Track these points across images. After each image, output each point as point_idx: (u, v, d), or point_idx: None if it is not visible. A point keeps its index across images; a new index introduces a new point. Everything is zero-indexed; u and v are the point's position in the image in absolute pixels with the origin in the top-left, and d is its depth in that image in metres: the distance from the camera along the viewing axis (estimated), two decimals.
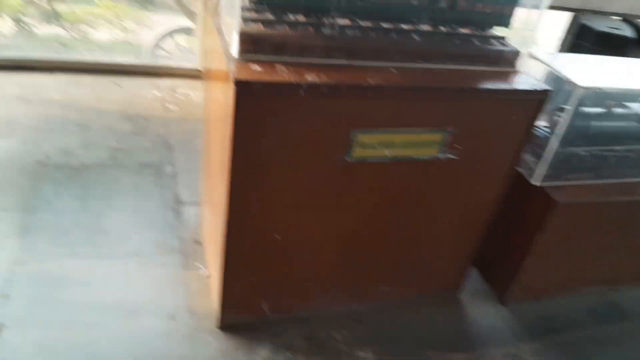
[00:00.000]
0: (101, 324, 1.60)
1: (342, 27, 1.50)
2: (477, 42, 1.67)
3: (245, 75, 1.30)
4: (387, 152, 1.58)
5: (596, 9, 3.32)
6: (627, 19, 3.43)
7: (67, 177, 2.12)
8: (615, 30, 3.26)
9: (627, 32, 3.30)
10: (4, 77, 2.64)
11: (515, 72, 1.71)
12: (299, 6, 1.43)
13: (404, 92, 1.48)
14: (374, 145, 1.55)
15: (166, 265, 1.85)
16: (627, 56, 2.40)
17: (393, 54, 1.54)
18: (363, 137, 1.51)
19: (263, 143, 1.41)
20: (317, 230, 1.67)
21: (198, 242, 1.99)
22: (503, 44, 1.73)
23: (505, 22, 1.68)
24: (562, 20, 3.53)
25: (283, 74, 1.35)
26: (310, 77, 1.36)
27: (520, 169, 2.04)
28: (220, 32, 1.53)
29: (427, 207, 1.82)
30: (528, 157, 2.05)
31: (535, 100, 1.66)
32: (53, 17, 3.55)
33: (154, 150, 2.42)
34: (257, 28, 1.40)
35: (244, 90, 1.29)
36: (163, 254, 1.89)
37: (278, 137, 1.42)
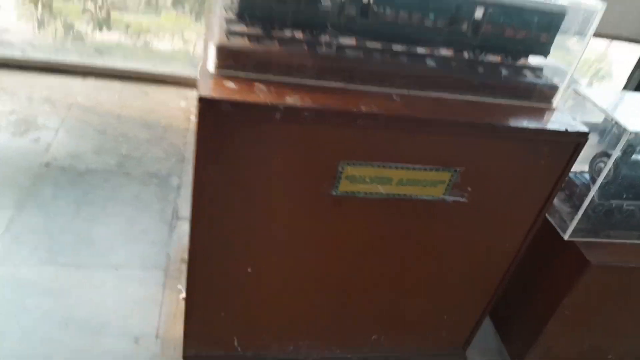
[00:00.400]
0: (60, 339, 1.51)
1: (342, 47, 1.34)
2: (504, 72, 1.45)
3: (212, 93, 1.17)
4: (382, 189, 1.39)
5: None
6: None
7: (69, 180, 2.09)
8: None
9: None
10: (36, 79, 2.71)
11: (549, 110, 1.46)
12: (292, 22, 1.30)
13: (403, 123, 1.28)
14: (364, 179, 1.36)
15: (146, 282, 1.75)
16: None
17: (399, 79, 1.35)
18: (352, 170, 1.33)
19: (232, 167, 1.27)
20: (295, 268, 1.50)
21: (185, 261, 1.88)
22: (538, 76, 1.49)
23: (542, 50, 1.44)
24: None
25: (260, 94, 1.20)
26: (292, 100, 1.21)
27: (551, 219, 1.76)
28: (206, 43, 1.42)
29: (431, 253, 1.60)
30: (562, 207, 1.77)
31: (570, 144, 1.41)
32: (105, 24, 3.66)
33: (166, 160, 2.36)
34: (240, 42, 1.27)
35: (209, 109, 1.16)
36: (146, 270, 1.79)
37: (250, 162, 1.27)
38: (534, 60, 1.53)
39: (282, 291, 1.55)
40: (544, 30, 1.40)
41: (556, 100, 1.48)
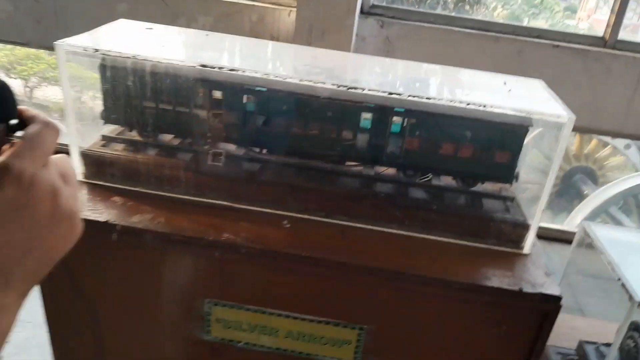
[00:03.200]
0: None
1: (231, 157, 1.12)
2: (448, 200, 1.10)
3: None
4: (267, 341, 1.06)
5: None
6: None
7: None
8: None
9: None
10: None
11: (518, 256, 1.05)
12: (169, 128, 1.11)
13: (280, 260, 0.98)
14: (241, 326, 1.05)
15: None
16: None
17: (296, 201, 1.08)
18: (221, 312, 1.04)
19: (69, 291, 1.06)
20: None
21: None
22: (506, 208, 1.10)
23: (502, 174, 1.08)
24: None
25: (103, 210, 1.01)
26: (136, 219, 1.00)
27: None
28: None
29: None
30: None
31: (533, 311, 0.97)
32: None
33: None
34: (110, 148, 1.11)
35: None
36: None
37: (93, 290, 1.05)
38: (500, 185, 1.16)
39: None
40: (498, 148, 1.04)
41: (528, 244, 1.06)
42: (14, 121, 0.40)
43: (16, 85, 5.59)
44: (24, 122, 0.40)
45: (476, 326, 1.00)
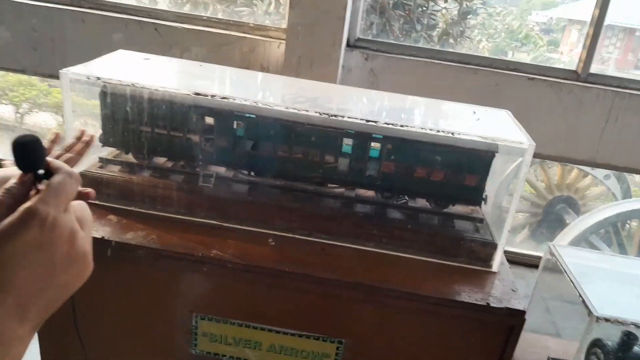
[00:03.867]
0: None
1: (222, 180, 1.19)
2: (422, 221, 1.17)
3: None
4: (250, 354, 1.11)
5: None
6: None
7: None
8: None
9: None
10: None
11: (487, 274, 1.13)
12: (164, 152, 1.19)
13: (265, 275, 1.05)
14: (226, 339, 1.10)
15: None
16: None
17: (281, 221, 1.15)
18: (207, 326, 1.09)
19: None
20: None
21: None
22: (476, 229, 1.18)
23: (471, 197, 1.16)
24: None
25: (99, 228, 1.07)
26: (130, 236, 1.06)
27: None
28: None
29: None
30: None
31: (499, 324, 1.04)
32: None
33: None
34: (107, 170, 1.18)
35: None
36: None
37: (86, 304, 1.10)
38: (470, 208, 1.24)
39: None
40: (467, 172, 1.13)
41: (496, 262, 1.14)
42: (41, 171, 0.45)
43: (7, 112, 5.62)
44: (50, 172, 0.45)
45: (447, 339, 1.06)
